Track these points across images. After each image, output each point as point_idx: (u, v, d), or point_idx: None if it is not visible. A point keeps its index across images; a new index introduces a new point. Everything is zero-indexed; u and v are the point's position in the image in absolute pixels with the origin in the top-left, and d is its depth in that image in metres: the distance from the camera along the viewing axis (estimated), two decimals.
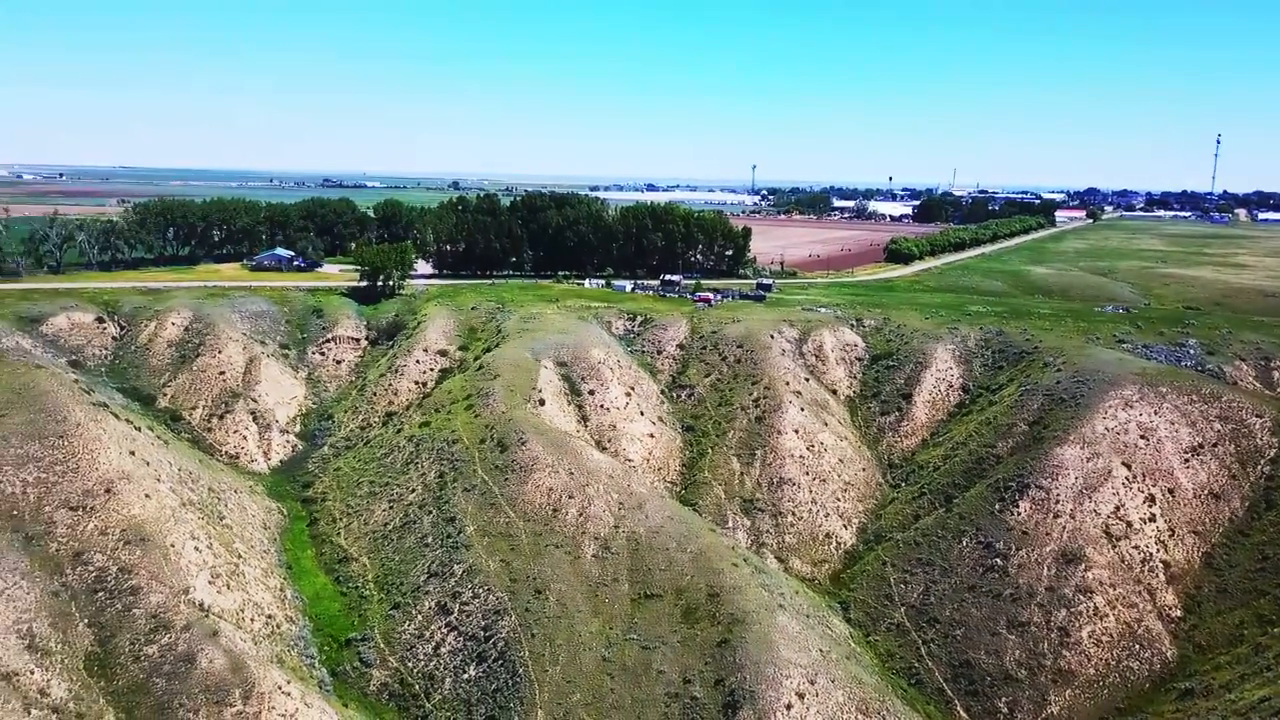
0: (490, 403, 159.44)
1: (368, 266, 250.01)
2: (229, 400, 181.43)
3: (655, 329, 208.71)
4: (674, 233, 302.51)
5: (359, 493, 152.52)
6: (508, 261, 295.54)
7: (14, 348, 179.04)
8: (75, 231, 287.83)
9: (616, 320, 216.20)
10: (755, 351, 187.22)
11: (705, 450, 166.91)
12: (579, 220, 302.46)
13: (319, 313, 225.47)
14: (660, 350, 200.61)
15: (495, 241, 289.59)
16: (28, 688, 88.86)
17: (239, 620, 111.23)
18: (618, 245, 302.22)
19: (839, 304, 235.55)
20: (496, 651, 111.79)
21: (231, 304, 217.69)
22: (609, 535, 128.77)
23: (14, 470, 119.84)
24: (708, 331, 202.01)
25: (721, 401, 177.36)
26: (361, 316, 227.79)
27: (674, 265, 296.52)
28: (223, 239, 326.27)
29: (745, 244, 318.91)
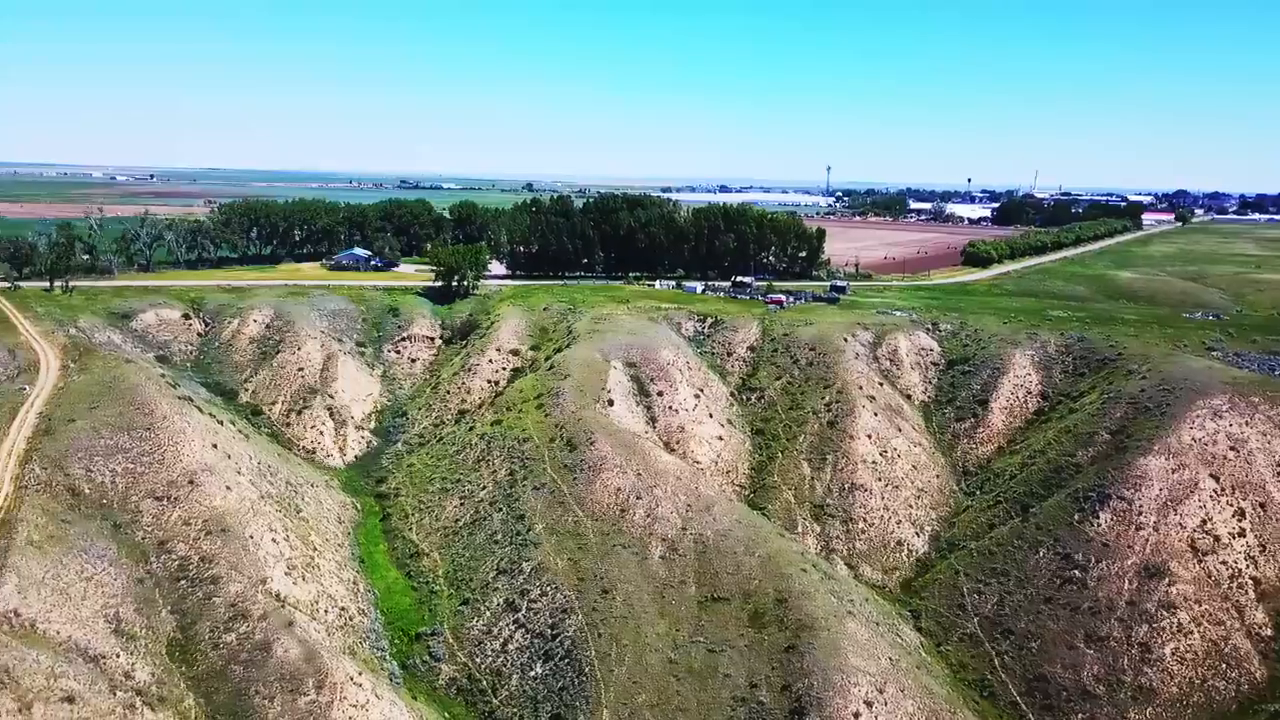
0: (560, 402, 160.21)
1: (443, 267, 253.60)
2: (307, 396, 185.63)
3: (726, 331, 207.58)
4: (746, 234, 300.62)
5: (431, 489, 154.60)
6: (579, 262, 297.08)
7: (106, 342, 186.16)
8: (164, 231, 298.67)
9: (687, 321, 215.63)
10: (828, 355, 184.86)
11: (775, 454, 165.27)
12: (651, 221, 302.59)
13: (395, 312, 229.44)
14: (730, 352, 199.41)
15: (567, 243, 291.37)
16: (114, 670, 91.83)
17: (313, 611, 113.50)
18: (689, 246, 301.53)
19: (914, 307, 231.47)
20: (563, 650, 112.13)
21: (311, 302, 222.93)
22: (676, 537, 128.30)
23: (104, 460, 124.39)
24: (779, 334, 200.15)
25: (792, 405, 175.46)
26: (436, 316, 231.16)
27: (746, 267, 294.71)
28: (303, 239, 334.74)
29: (819, 246, 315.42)
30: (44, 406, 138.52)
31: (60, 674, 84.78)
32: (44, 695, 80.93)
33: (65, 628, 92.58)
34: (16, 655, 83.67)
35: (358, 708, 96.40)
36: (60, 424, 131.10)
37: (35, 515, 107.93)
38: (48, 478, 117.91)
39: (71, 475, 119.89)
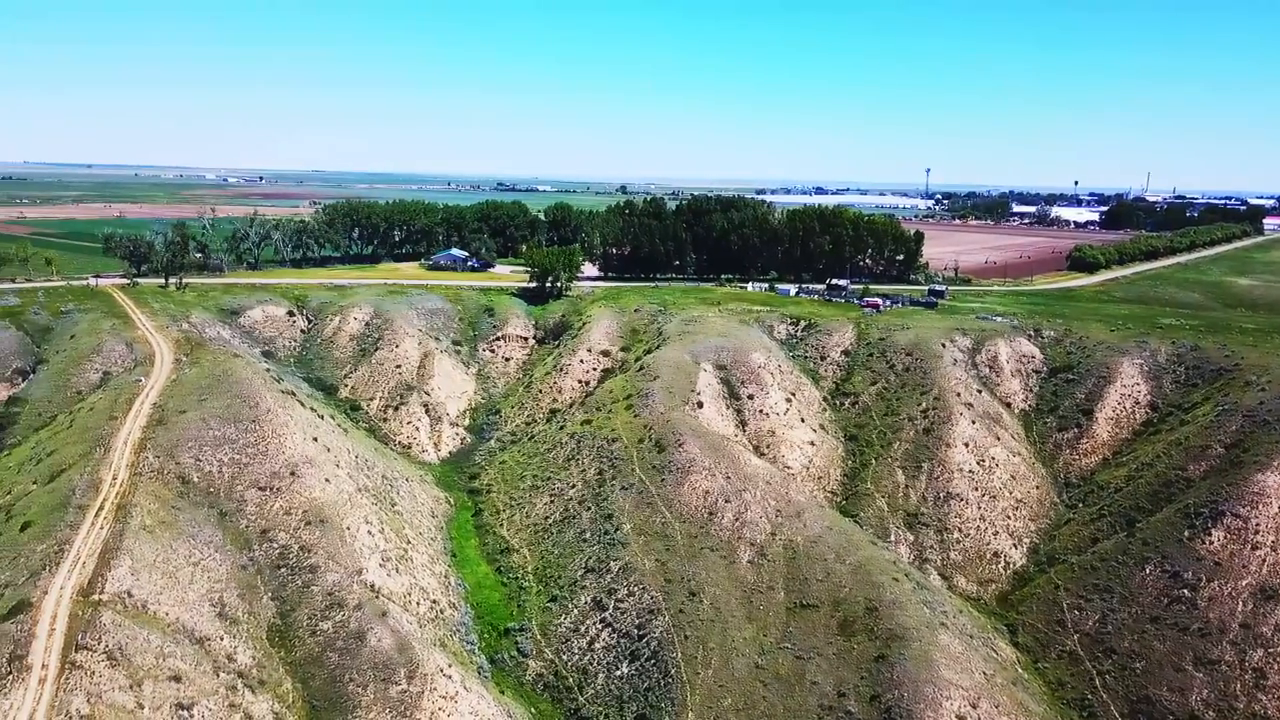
0: (650, 403, 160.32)
1: (537, 268, 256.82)
2: (404, 393, 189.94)
3: (819, 334, 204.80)
4: (842, 236, 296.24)
5: (522, 486, 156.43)
6: (671, 264, 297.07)
7: (215, 337, 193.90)
8: (271, 231, 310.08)
9: (779, 324, 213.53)
10: (925, 360, 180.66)
11: (868, 461, 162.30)
12: (744, 223, 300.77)
13: (490, 311, 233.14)
14: (824, 356, 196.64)
15: (660, 244, 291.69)
16: (217, 652, 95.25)
17: (406, 603, 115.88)
18: (783, 249, 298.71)
19: (1016, 313, 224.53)
20: (649, 651, 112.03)
21: (409, 301, 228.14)
22: (765, 542, 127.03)
23: (212, 450, 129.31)
24: (875, 338, 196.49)
25: (887, 411, 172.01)
26: (530, 316, 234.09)
27: (841, 270, 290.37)
28: (403, 239, 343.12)
29: (917, 249, 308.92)
30: (158, 398, 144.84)
31: (168, 654, 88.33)
32: (153, 673, 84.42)
33: (173, 610, 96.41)
34: (129, 634, 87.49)
35: (447, 699, 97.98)
36: (172, 414, 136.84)
37: (148, 501, 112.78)
38: (160, 466, 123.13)
39: (182, 464, 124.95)
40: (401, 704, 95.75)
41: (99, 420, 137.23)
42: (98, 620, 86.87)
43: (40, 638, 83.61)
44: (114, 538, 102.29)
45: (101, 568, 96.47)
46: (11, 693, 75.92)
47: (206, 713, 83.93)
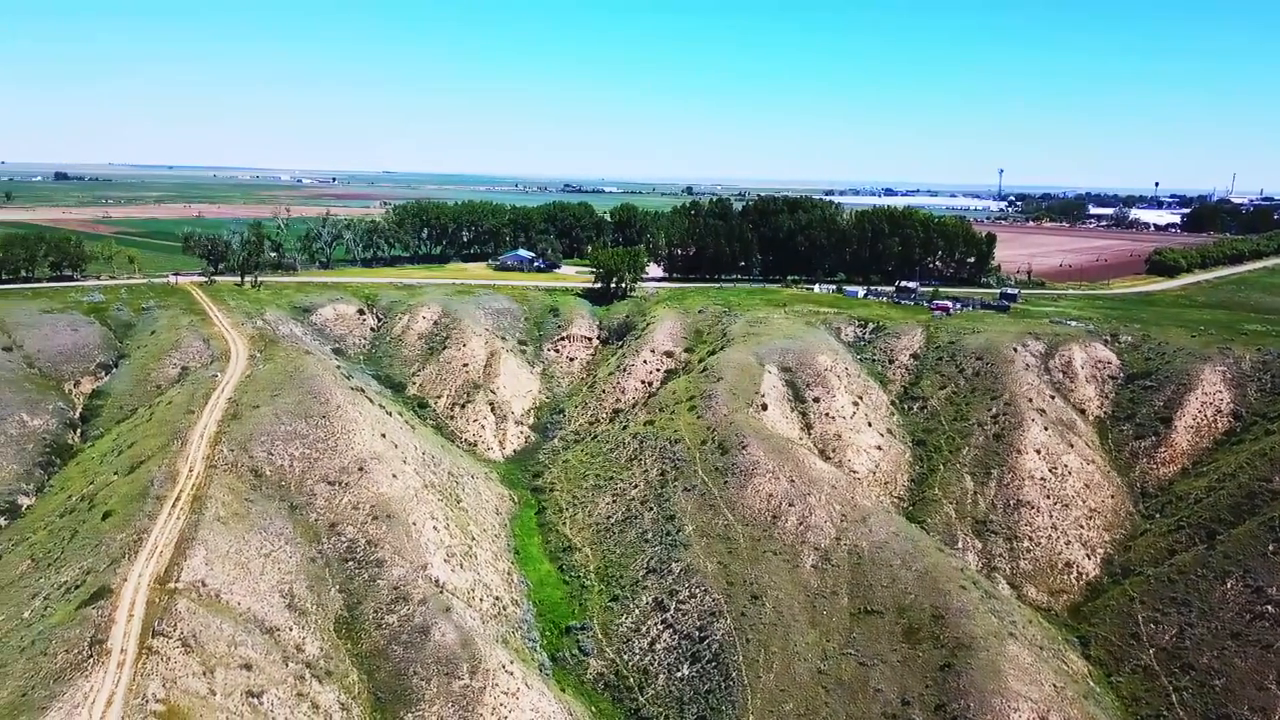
0: (713, 405, 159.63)
1: (602, 269, 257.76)
2: (470, 391, 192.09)
3: (887, 337, 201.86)
4: (912, 238, 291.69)
5: (585, 485, 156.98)
6: (737, 265, 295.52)
7: (288, 334, 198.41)
8: (343, 231, 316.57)
9: (846, 326, 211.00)
10: (996, 365, 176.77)
11: (936, 466, 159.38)
12: (811, 224, 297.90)
13: (555, 312, 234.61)
14: (892, 359, 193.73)
15: (725, 245, 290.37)
16: (286, 642, 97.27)
17: (469, 599, 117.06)
18: (851, 250, 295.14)
19: (1091, 317, 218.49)
20: (710, 653, 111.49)
21: (476, 301, 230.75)
22: (830, 546, 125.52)
23: (284, 445, 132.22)
24: (945, 341, 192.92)
25: (957, 416, 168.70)
26: (594, 316, 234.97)
27: (910, 272, 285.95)
28: (471, 239, 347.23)
29: (989, 251, 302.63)
30: (233, 392, 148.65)
31: (240, 642, 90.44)
32: (225, 661, 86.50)
33: (245, 600, 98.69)
34: (203, 622, 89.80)
35: (509, 695, 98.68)
36: (246, 409, 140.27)
37: (222, 493, 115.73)
38: (234, 459, 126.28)
39: (255, 457, 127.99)
40: (464, 699, 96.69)
41: (177, 414, 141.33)
42: (173, 608, 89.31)
43: (119, 623, 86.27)
44: (189, 528, 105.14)
45: (177, 557, 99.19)
46: (93, 675, 78.42)
47: (276, 701, 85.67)
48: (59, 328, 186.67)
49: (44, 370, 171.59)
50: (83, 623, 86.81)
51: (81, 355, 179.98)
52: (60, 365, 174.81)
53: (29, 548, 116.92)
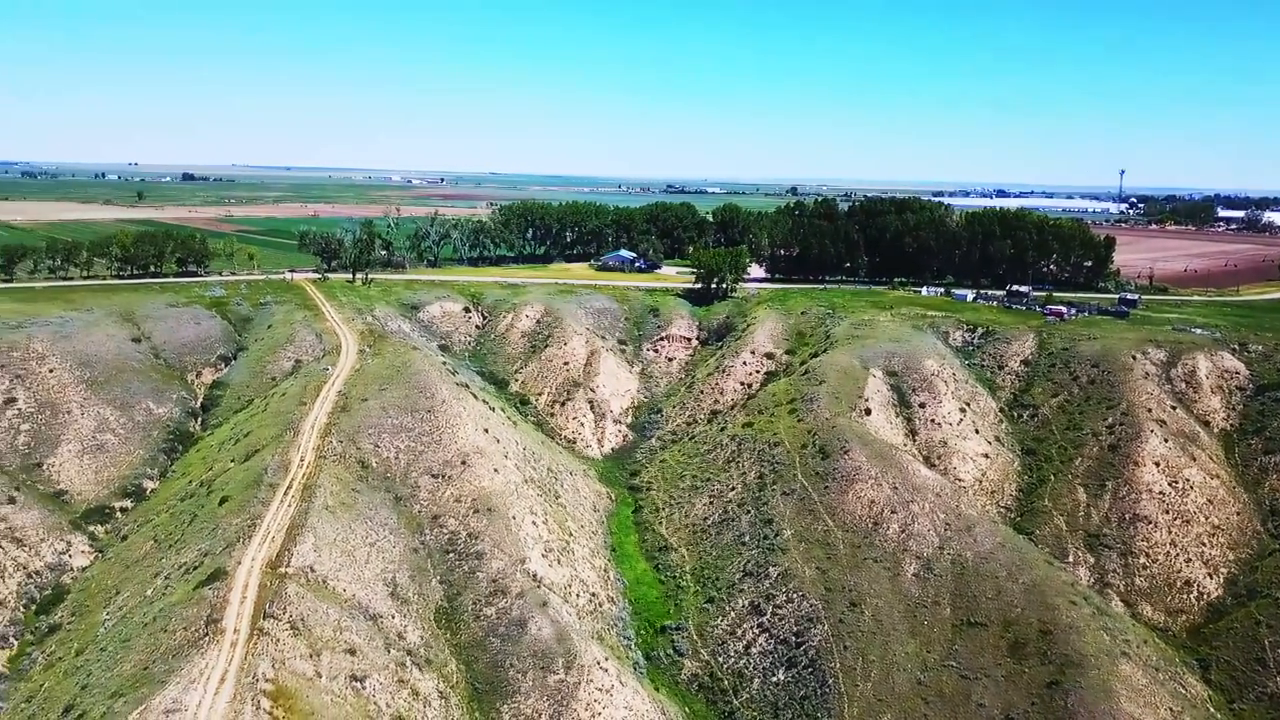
0: (814, 408, 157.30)
1: (703, 269, 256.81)
2: (570, 389, 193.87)
3: (997, 342, 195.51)
4: (1025, 240, 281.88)
5: (681, 485, 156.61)
6: (841, 267, 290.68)
7: (396, 330, 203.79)
8: (451, 230, 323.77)
9: (954, 331, 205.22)
10: (1113, 373, 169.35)
11: (1047, 476, 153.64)
12: (919, 226, 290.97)
13: (655, 312, 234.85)
14: (1002, 365, 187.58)
15: (830, 246, 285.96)
16: (389, 630, 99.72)
17: (566, 594, 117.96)
18: (960, 252, 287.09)
19: (1218, 325, 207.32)
20: (807, 659, 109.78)
21: (578, 300, 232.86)
22: (932, 555, 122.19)
23: (390, 437, 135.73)
24: (1058, 348, 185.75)
25: (1069, 425, 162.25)
26: (694, 317, 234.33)
27: (1023, 275, 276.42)
28: (574, 240, 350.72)
29: (1107, 255, 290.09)
30: (343, 386, 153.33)
31: (345, 628, 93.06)
32: (330, 645, 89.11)
33: (350, 586, 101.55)
34: (311, 606, 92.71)
35: (603, 692, 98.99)
36: (355, 402, 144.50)
37: (331, 483, 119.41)
38: (342, 450, 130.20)
39: (362, 449, 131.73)
40: (559, 693, 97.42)
41: (290, 405, 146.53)
42: (283, 591, 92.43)
43: (233, 604, 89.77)
44: (300, 515, 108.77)
45: (288, 543, 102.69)
46: (208, 652, 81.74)
47: (378, 686, 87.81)
48: (183, 321, 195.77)
49: (169, 361, 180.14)
50: (199, 602, 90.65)
51: (203, 347, 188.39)
52: (184, 356, 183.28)
53: (152, 529, 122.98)
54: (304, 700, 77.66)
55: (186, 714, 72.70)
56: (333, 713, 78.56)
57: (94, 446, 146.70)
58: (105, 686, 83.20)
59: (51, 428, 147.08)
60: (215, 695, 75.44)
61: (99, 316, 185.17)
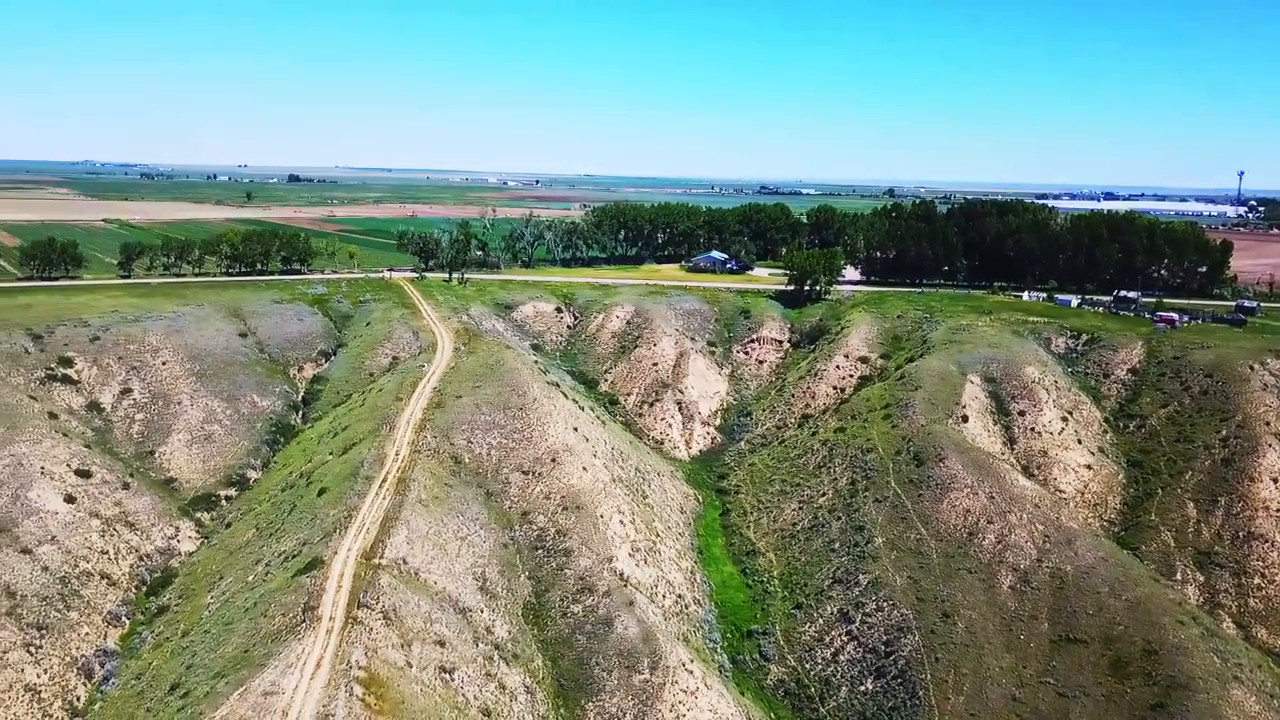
0: (909, 414, 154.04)
1: (796, 271, 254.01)
2: (659, 390, 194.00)
3: (1103, 350, 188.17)
4: (1134, 245, 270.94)
5: (770, 490, 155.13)
6: (939, 270, 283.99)
7: (490, 329, 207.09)
8: (545, 231, 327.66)
9: (1057, 337, 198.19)
10: (1227, 384, 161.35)
11: (1154, 490, 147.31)
12: (1021, 229, 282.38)
13: (746, 314, 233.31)
14: (1107, 374, 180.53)
15: (928, 249, 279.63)
16: (478, 624, 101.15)
17: (652, 594, 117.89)
18: (1064, 256, 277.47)
19: None
20: (896, 669, 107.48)
21: (668, 301, 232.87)
22: (1030, 568, 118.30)
23: (483, 434, 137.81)
24: (1168, 356, 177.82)
25: (1179, 437, 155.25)
26: (786, 319, 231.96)
27: (1131, 281, 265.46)
28: (665, 241, 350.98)
29: (1223, 260, 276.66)
30: (438, 383, 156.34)
31: (435, 620, 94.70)
32: (421, 636, 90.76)
33: (441, 579, 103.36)
34: (403, 597, 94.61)
35: (688, 694, 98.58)
36: (449, 399, 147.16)
37: (425, 477, 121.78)
38: (436, 445, 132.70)
39: (455, 445, 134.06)
40: (644, 693, 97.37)
41: (387, 401, 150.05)
42: (377, 582, 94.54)
43: (329, 592, 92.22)
44: (394, 508, 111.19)
45: (382, 534, 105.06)
46: (305, 638, 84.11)
47: (466, 679, 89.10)
48: (287, 317, 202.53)
49: (273, 355, 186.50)
50: (297, 590, 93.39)
51: (305, 343, 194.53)
52: (287, 351, 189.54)
53: (254, 518, 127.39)
54: (395, 689, 79.23)
55: (284, 697, 74.92)
56: (422, 703, 79.94)
57: (202, 437, 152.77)
58: (209, 667, 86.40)
59: (163, 418, 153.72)
60: (311, 680, 77.57)
61: (209, 312, 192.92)
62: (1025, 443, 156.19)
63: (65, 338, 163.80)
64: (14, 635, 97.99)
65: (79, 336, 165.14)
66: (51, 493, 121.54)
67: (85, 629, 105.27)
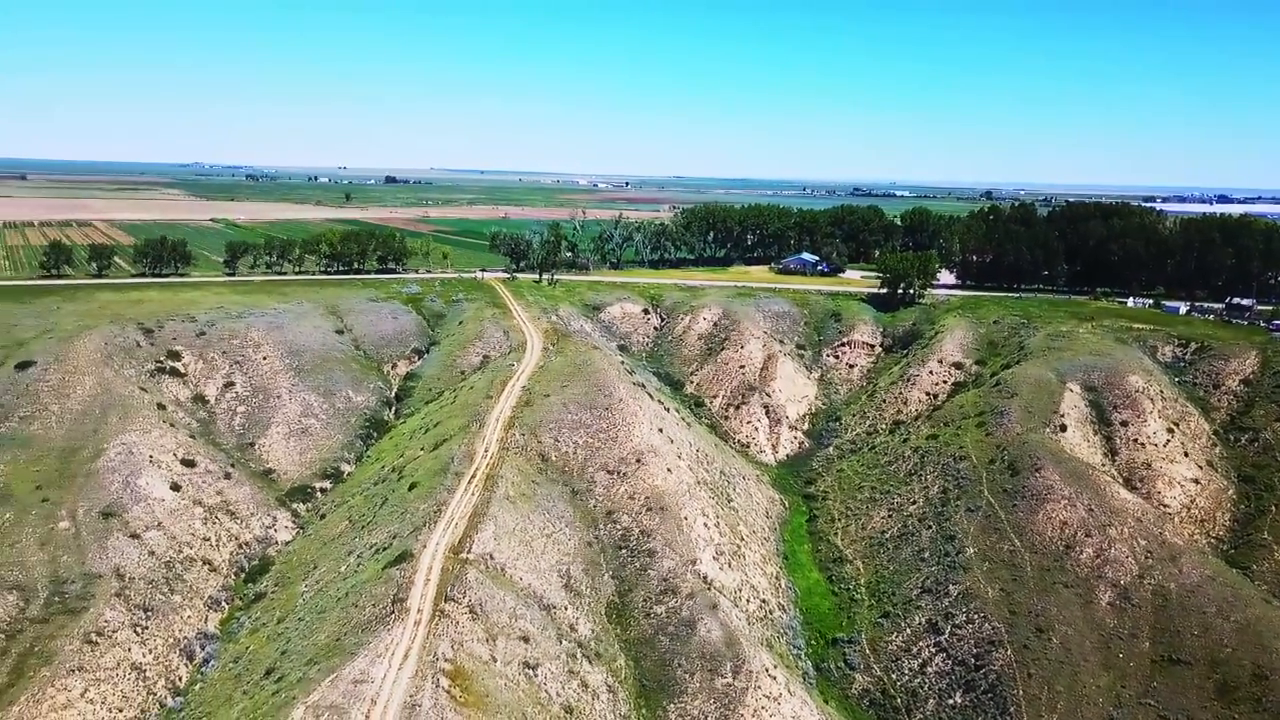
0: (1004, 422, 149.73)
1: (889, 274, 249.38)
2: (746, 393, 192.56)
3: (1213, 359, 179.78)
4: (1249, 249, 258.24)
5: (859, 496, 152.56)
6: (1038, 274, 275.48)
7: (578, 329, 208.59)
8: (633, 233, 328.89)
9: (1163, 345, 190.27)
10: None
11: (1267, 507, 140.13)
12: (1126, 232, 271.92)
13: (837, 317, 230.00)
14: (1217, 384, 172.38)
15: (1026, 253, 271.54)
16: (561, 621, 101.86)
17: (736, 598, 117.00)
18: (1173, 262, 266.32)
19: None
20: (987, 683, 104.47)
21: (756, 303, 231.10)
22: (1131, 584, 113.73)
23: (569, 433, 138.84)
24: None
25: None
26: (878, 323, 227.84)
27: (1246, 288, 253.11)
28: (755, 243, 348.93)
29: None
30: (527, 381, 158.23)
31: (520, 615, 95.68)
32: (506, 631, 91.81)
33: (526, 576, 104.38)
34: (489, 593, 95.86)
35: (770, 699, 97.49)
36: (538, 397, 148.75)
37: (512, 474, 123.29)
38: (524, 443, 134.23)
39: (543, 443, 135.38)
40: (726, 697, 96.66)
41: (477, 398, 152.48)
42: (464, 576, 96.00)
43: (418, 585, 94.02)
44: (482, 504, 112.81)
45: (470, 530, 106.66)
46: (393, 629, 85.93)
47: (549, 675, 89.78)
48: (382, 315, 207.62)
49: (368, 352, 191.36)
50: (387, 581, 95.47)
51: (399, 341, 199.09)
52: (381, 349, 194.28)
53: (347, 510, 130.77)
54: (479, 682, 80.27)
55: (373, 685, 76.61)
56: (505, 697, 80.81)
57: (299, 430, 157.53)
58: (302, 653, 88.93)
59: (263, 411, 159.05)
60: (399, 670, 79.18)
61: (308, 309, 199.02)
62: (1127, 454, 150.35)
63: (174, 332, 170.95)
64: (122, 615, 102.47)
65: (186, 331, 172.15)
66: (159, 480, 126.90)
67: (187, 612, 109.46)
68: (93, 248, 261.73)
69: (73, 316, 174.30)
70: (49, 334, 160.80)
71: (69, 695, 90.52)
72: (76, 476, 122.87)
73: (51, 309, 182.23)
